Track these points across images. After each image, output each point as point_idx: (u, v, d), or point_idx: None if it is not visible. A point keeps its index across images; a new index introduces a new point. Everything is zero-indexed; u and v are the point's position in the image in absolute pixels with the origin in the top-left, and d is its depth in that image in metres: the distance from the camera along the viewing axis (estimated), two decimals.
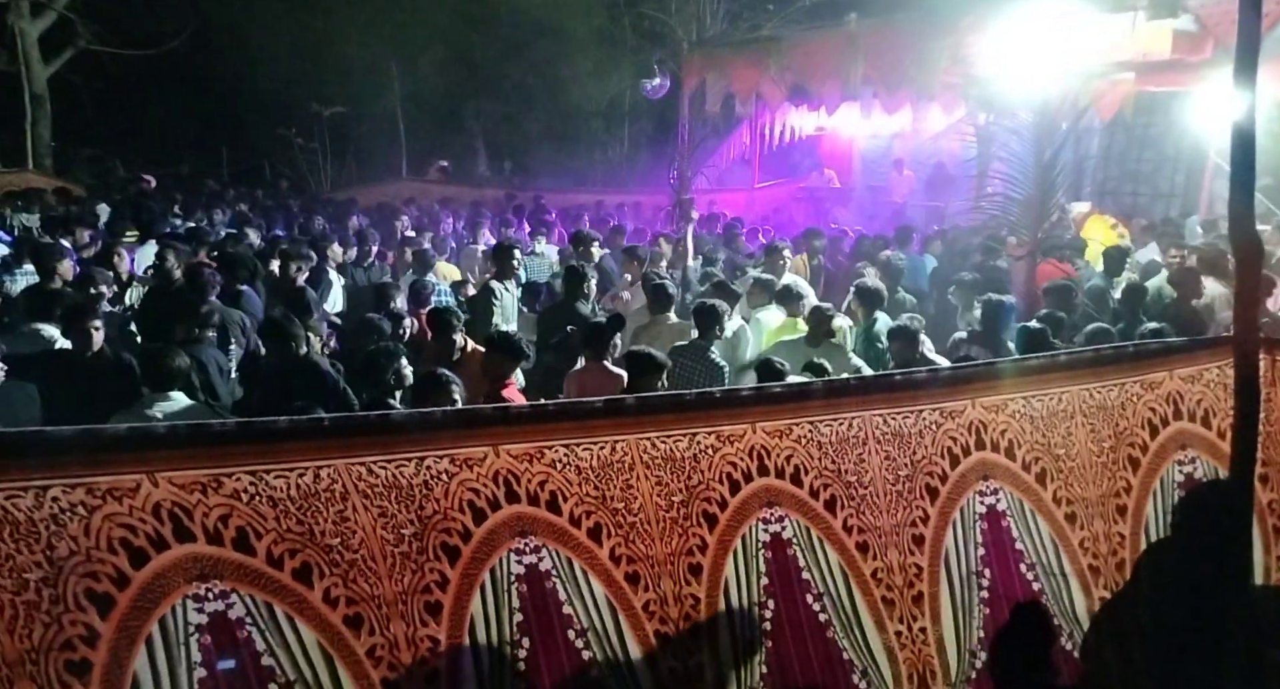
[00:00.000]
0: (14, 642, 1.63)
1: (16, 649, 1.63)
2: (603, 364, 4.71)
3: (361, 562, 1.94)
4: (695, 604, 2.27)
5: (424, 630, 1.99)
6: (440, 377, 3.71)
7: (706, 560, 2.29)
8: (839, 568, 2.43)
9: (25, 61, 16.33)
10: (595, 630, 2.16)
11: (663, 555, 2.25)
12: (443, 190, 15.01)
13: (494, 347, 4.45)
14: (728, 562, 2.31)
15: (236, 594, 1.83)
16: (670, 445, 2.28)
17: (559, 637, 2.13)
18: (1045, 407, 2.69)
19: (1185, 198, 11.55)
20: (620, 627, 2.19)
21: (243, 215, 10.71)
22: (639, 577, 2.22)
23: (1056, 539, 2.66)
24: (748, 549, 2.34)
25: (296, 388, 4.27)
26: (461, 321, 5.14)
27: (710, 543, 2.30)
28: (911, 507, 2.52)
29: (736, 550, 2.33)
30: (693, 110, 12.66)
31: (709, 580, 2.29)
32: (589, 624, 2.16)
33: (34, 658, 1.64)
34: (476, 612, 2.05)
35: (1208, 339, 2.99)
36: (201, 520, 1.81)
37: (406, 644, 1.97)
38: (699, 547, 2.29)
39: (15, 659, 1.62)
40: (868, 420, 2.50)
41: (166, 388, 3.94)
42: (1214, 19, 7.73)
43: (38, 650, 1.65)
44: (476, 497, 2.06)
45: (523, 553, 2.11)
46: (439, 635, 2.01)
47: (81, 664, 1.68)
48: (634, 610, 2.21)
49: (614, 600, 2.19)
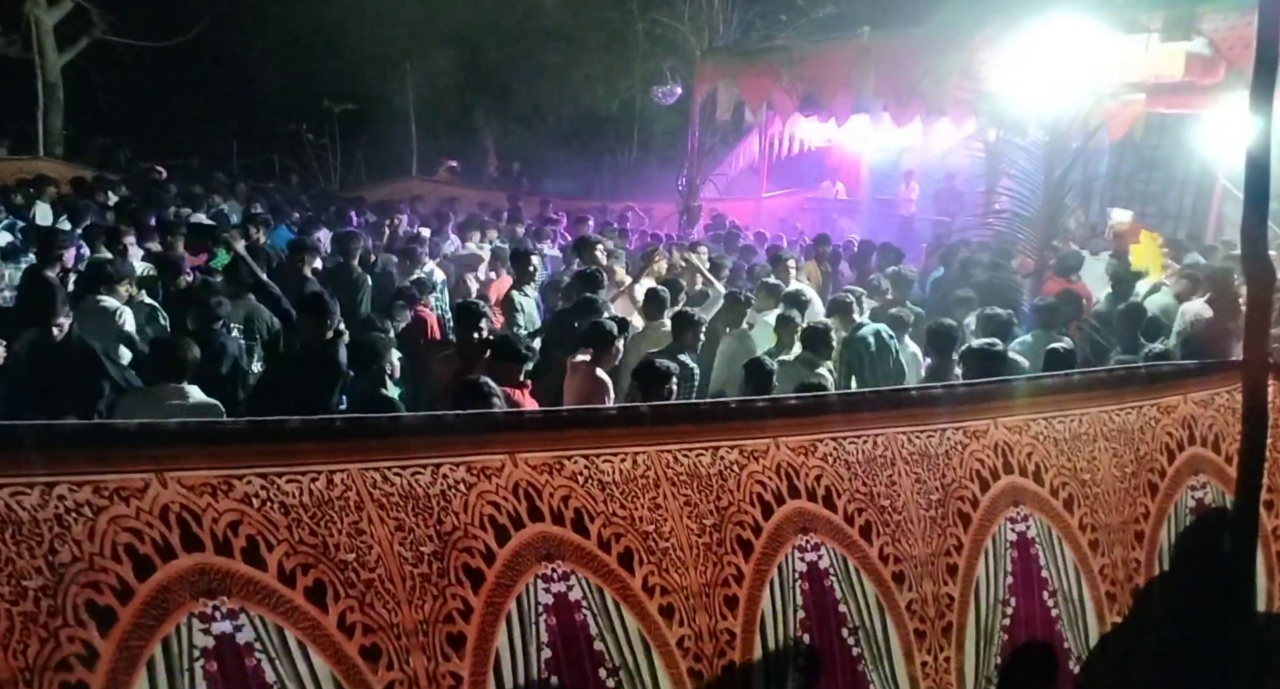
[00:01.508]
0: (8, 659, 1.50)
1: (10, 667, 1.50)
2: (593, 368, 4.68)
3: (379, 583, 1.80)
4: (730, 641, 2.12)
5: (446, 665, 1.83)
6: (481, 385, 3.51)
7: (743, 593, 2.14)
8: (875, 601, 2.30)
9: (40, 50, 16.40)
10: (628, 669, 2.00)
11: (698, 587, 2.09)
12: (450, 190, 15.04)
13: (496, 351, 4.47)
14: (764, 594, 2.17)
15: (245, 615, 1.69)
16: (694, 460, 2.14)
17: (589, 676, 1.97)
18: (1068, 429, 2.61)
19: (1193, 220, 11.55)
20: (654, 666, 2.03)
21: (276, 206, 10.84)
22: (674, 610, 2.06)
23: (1080, 567, 2.57)
24: (784, 580, 2.20)
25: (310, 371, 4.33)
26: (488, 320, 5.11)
27: (746, 573, 2.16)
28: (946, 534, 2.39)
29: (773, 582, 2.18)
30: (703, 118, 12.71)
31: (745, 615, 2.14)
32: (621, 662, 2.00)
33: (28, 678, 1.51)
34: (503, 646, 1.89)
35: (1219, 363, 2.98)
36: (210, 527, 1.69)
37: (427, 681, 1.81)
38: (734, 577, 2.15)
39: (8, 678, 1.48)
40: (892, 439, 2.38)
41: (178, 378, 3.95)
42: (1227, 43, 7.75)
43: (32, 670, 1.51)
44: (498, 512, 1.93)
45: (550, 580, 1.95)
46: (462, 672, 1.84)
47: (77, 687, 1.54)
48: (668, 647, 2.05)
49: (647, 636, 2.02)
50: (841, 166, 15.31)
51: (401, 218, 9.93)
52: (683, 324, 5.15)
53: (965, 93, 8.96)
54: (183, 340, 4.15)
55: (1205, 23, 7.87)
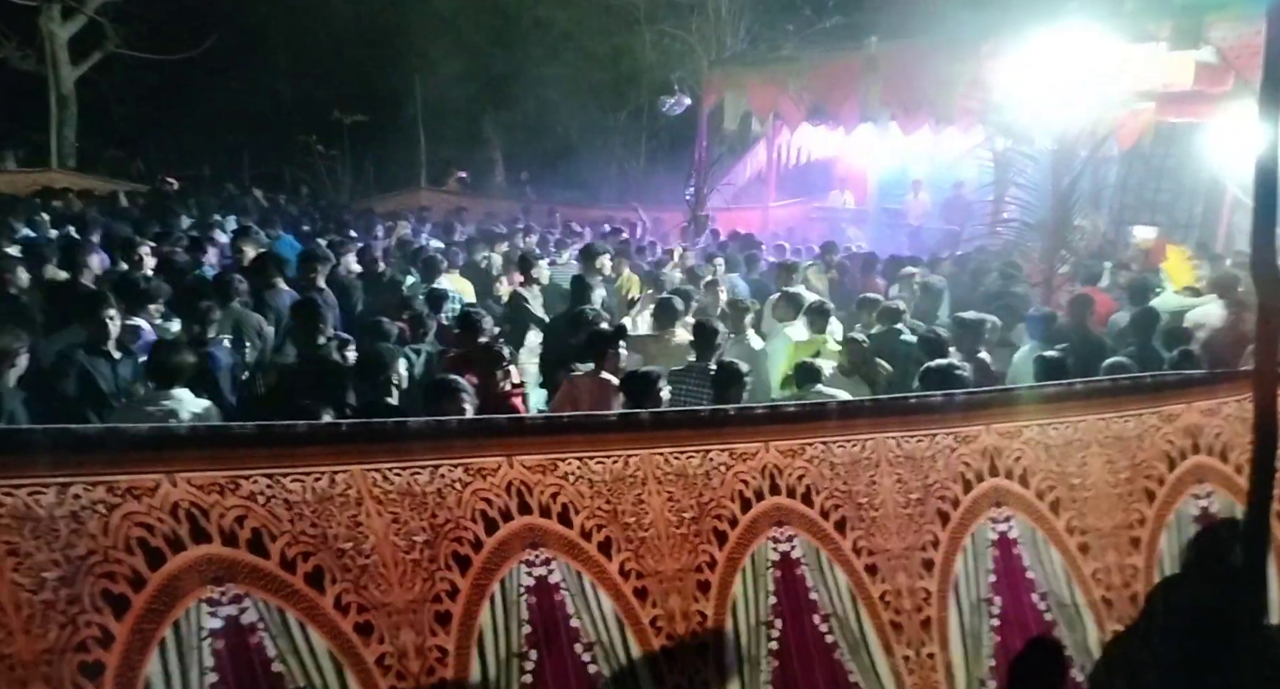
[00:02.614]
0: (30, 642, 1.63)
1: (33, 650, 1.63)
2: (601, 374, 4.70)
3: (373, 568, 1.93)
4: (703, 621, 2.26)
5: (433, 640, 1.98)
6: (451, 383, 3.76)
7: (715, 577, 2.29)
8: (848, 589, 2.41)
9: (54, 63, 16.59)
10: (603, 645, 2.16)
11: (672, 571, 2.24)
12: (459, 200, 15.12)
13: (479, 356, 4.70)
14: (736, 579, 2.31)
15: (250, 599, 1.83)
16: (683, 462, 2.28)
17: (566, 650, 2.12)
18: (1060, 435, 2.66)
19: (1203, 230, 11.49)
20: (628, 641, 2.18)
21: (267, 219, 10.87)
22: (647, 592, 2.22)
23: (1069, 569, 2.63)
24: (757, 567, 2.33)
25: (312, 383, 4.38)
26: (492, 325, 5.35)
27: (719, 560, 2.29)
28: (922, 530, 2.50)
29: (745, 568, 2.32)
30: (710, 128, 12.74)
31: (717, 598, 2.29)
32: (596, 638, 2.15)
33: (49, 659, 1.64)
34: (485, 622, 2.04)
35: (1228, 372, 2.98)
36: (218, 521, 1.81)
37: (415, 654, 1.96)
38: (708, 564, 2.28)
39: (31, 660, 1.62)
40: (881, 443, 2.49)
41: (170, 385, 3.95)
42: (1235, 52, 7.72)
43: (53, 651, 1.65)
44: (489, 507, 2.07)
45: (533, 564, 2.11)
46: (447, 646, 1.99)
47: (95, 666, 1.67)
48: (641, 626, 2.21)
49: (622, 615, 2.19)
50: (849, 176, 15.31)
51: (407, 225, 10.02)
52: (703, 336, 5.06)
53: (973, 102, 8.94)
54: (179, 345, 4.18)
55: (1213, 31, 7.84)
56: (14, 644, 1.62)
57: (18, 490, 1.66)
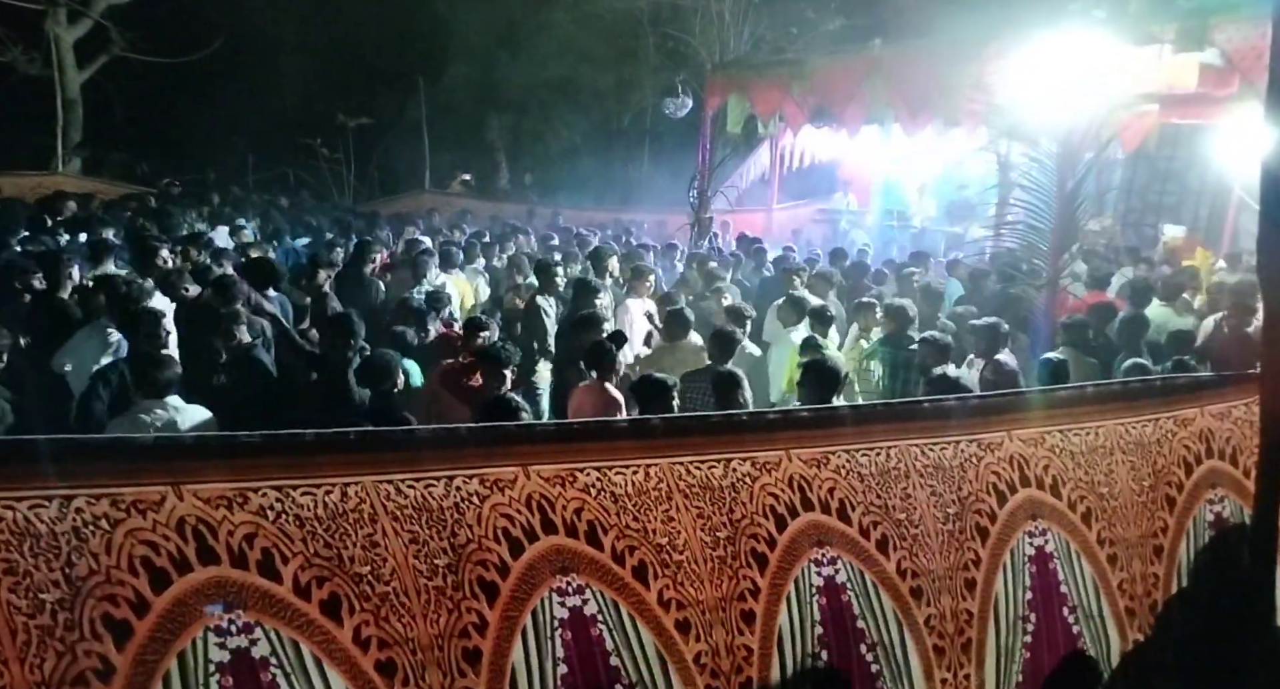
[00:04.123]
0: (25, 673, 1.48)
1: (26, 681, 1.48)
2: (603, 385, 4.70)
3: (394, 596, 1.78)
4: (748, 656, 2.08)
5: (462, 681, 1.80)
6: (510, 401, 3.59)
7: (759, 607, 2.11)
8: (894, 616, 2.26)
9: (60, 67, 16.63)
10: (645, 685, 1.97)
11: (714, 601, 2.06)
12: (463, 203, 15.15)
13: (483, 358, 4.73)
14: (781, 609, 2.14)
15: (261, 628, 1.66)
16: (706, 472, 2.14)
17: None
18: (1084, 442, 2.58)
19: (1209, 232, 11.46)
20: (671, 682, 1.99)
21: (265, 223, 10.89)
22: (690, 624, 2.02)
23: (1098, 581, 2.54)
24: (801, 595, 2.17)
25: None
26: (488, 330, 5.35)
27: (763, 587, 2.13)
28: (964, 548, 2.37)
29: (790, 596, 2.15)
30: (714, 130, 12.74)
31: (763, 630, 2.10)
32: (638, 679, 1.96)
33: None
34: (518, 661, 1.85)
35: (1236, 375, 2.95)
36: (226, 539, 1.67)
37: None
38: (750, 591, 2.11)
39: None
40: (905, 450, 2.36)
41: (160, 394, 3.91)
42: (1240, 54, 7.70)
43: (48, 684, 1.50)
44: (511, 524, 1.91)
45: (565, 593, 1.93)
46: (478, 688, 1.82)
47: None
48: (685, 663, 2.01)
49: (664, 651, 1.99)
50: (853, 178, 15.30)
51: (414, 230, 10.06)
52: (720, 343, 5.08)
53: (977, 104, 8.93)
54: (162, 356, 4.15)
55: (1218, 33, 7.82)
56: (7, 675, 1.47)
57: (19, 503, 1.54)
